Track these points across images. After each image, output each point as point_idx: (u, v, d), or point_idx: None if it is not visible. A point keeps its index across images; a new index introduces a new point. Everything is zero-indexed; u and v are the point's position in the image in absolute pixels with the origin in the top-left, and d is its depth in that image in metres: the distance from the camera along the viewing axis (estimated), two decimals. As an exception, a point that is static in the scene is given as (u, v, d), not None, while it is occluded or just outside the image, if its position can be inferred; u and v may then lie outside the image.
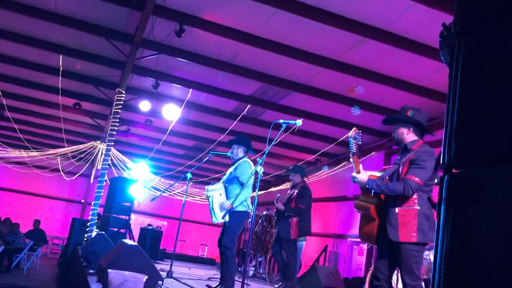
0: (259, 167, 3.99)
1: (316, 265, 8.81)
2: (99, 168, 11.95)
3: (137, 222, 14.28)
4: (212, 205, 5.07)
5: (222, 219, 4.96)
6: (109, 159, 8.98)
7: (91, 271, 4.73)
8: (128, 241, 4.14)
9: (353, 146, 3.48)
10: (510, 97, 0.96)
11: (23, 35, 8.05)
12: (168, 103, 9.59)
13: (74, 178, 15.19)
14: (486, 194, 0.91)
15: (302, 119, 4.06)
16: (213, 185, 5.34)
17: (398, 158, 3.65)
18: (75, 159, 13.46)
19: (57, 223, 16.46)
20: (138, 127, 11.97)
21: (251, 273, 8.28)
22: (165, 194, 14.29)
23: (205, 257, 13.22)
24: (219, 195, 5.11)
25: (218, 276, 6.78)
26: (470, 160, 0.97)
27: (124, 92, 8.70)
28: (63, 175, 14.87)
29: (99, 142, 12.76)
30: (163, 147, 13.44)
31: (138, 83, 9.35)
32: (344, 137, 9.99)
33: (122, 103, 8.66)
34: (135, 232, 9.48)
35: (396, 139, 3.69)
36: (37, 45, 8.20)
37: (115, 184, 8.25)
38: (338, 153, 12.16)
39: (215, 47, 7.65)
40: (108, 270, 2.88)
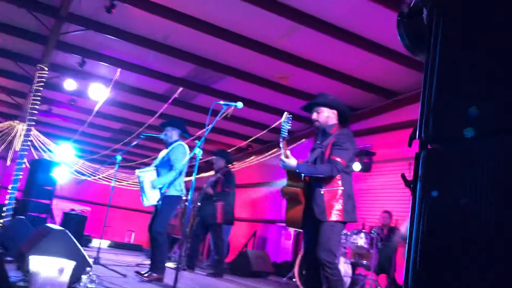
0: (198, 149, 3.87)
1: (246, 249, 8.87)
2: (17, 149, 11.18)
3: (58, 207, 13.57)
4: (143, 186, 4.88)
5: (154, 201, 4.80)
6: (29, 140, 8.40)
7: (9, 258, 4.39)
8: (53, 226, 3.88)
9: (285, 131, 3.53)
10: (487, 70, 0.95)
11: None
12: (94, 82, 9.13)
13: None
14: (465, 168, 0.90)
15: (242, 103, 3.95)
16: (143, 168, 5.14)
17: (317, 142, 3.75)
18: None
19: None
20: (61, 107, 11.29)
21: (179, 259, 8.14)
22: (89, 178, 13.73)
23: (132, 243, 12.87)
24: (151, 175, 4.92)
25: (147, 262, 6.62)
26: (447, 135, 0.96)
27: (46, 68, 8.14)
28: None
29: (17, 122, 11.91)
30: (88, 129, 12.83)
31: (62, 60, 8.79)
32: (276, 124, 10.07)
33: (44, 80, 8.10)
34: (57, 217, 8.99)
35: (319, 122, 3.75)
36: None
37: (35, 166, 7.74)
38: (269, 140, 12.26)
39: (147, 26, 7.35)
40: (30, 256, 2.67)
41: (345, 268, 6.37)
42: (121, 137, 13.02)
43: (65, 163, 11.11)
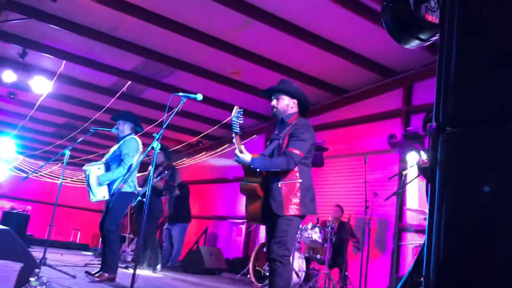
0: (156, 142, 3.73)
1: (199, 246, 8.76)
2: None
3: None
4: (89, 181, 4.66)
5: (101, 197, 4.60)
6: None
7: None
8: (-4, 225, 3.62)
9: (236, 125, 3.40)
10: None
11: None
12: (37, 74, 8.68)
13: None
14: (490, 153, 0.85)
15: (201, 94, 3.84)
16: (92, 162, 4.92)
17: (276, 133, 3.62)
18: None
19: None
20: (-1, 100, 10.69)
21: (129, 258, 7.94)
22: (32, 175, 13.09)
23: (77, 242, 12.39)
24: (98, 169, 4.70)
25: (96, 261, 6.40)
26: (470, 117, 0.90)
27: (-17, 59, 7.66)
28: None
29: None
30: (29, 124, 12.21)
31: (1, 50, 8.29)
32: (227, 120, 10.00)
33: (-19, 71, 7.61)
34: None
35: (277, 110, 3.62)
36: None
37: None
38: (220, 136, 12.17)
39: (94, 16, 7.05)
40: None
41: (299, 263, 6.42)
42: (65, 133, 12.50)
43: (5, 159, 10.51)
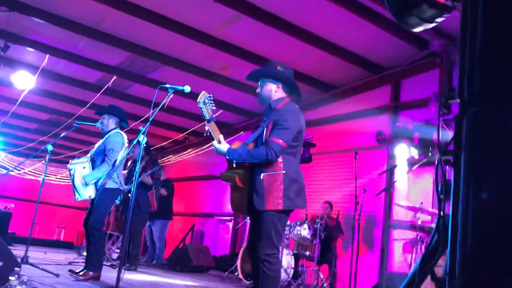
0: (142, 136, 3.61)
1: (186, 244, 8.67)
2: None
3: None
4: (74, 180, 4.54)
5: (87, 196, 4.49)
6: None
7: None
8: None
9: (205, 112, 3.19)
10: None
11: None
12: (19, 69, 8.48)
13: None
14: None
15: (189, 86, 3.72)
16: (77, 158, 4.79)
17: (264, 119, 3.39)
18: None
19: None
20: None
21: (115, 256, 7.82)
22: (13, 172, 12.83)
23: (61, 240, 12.19)
24: (83, 168, 4.57)
25: (80, 260, 6.28)
26: (499, 93, 0.81)
27: (-37, 53, 7.45)
28: None
29: None
30: (11, 120, 11.97)
31: (-19, 43, 8.07)
32: (215, 115, 9.88)
33: (-39, 65, 7.41)
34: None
35: (261, 96, 3.40)
36: None
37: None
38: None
39: (79, 9, 6.90)
40: None
41: (288, 260, 6.37)
42: (49, 129, 12.28)
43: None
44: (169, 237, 10.60)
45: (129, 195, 6.46)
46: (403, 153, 6.69)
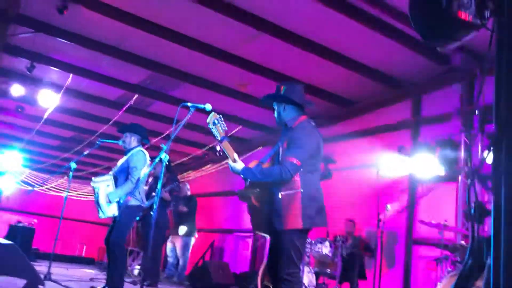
0: (163, 154, 3.66)
1: (206, 261, 8.66)
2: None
3: (2, 219, 12.83)
4: (98, 198, 4.60)
5: (110, 214, 4.55)
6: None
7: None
8: (1, 240, 3.55)
9: (216, 133, 3.20)
10: None
11: None
12: (44, 88, 8.69)
13: None
14: None
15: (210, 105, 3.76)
16: (101, 176, 4.86)
17: (280, 138, 3.37)
18: None
19: None
20: (7, 114, 10.70)
21: (136, 272, 7.86)
22: (37, 188, 13.08)
23: (83, 256, 12.31)
24: (107, 186, 4.64)
25: (102, 276, 6.33)
26: None
27: (-9, 73, 7.68)
28: None
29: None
30: (35, 137, 12.22)
31: (9, 64, 8.31)
32: (234, 131, 9.96)
33: (-11, 85, 7.63)
34: (1, 230, 8.46)
35: (276, 119, 3.44)
36: None
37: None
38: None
39: (101, 29, 7.06)
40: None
41: (309, 277, 6.30)
42: (71, 146, 12.49)
43: (11, 172, 10.49)
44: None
45: (149, 212, 6.55)
46: (425, 169, 6.61)
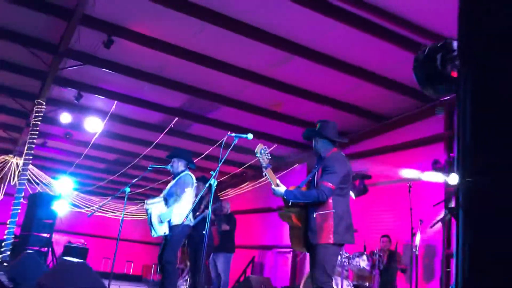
0: (213, 179, 4.03)
1: (249, 276, 8.90)
2: (12, 184, 11.19)
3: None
4: (150, 219, 5.00)
5: (162, 233, 4.92)
6: (28, 174, 8.45)
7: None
8: (72, 258, 3.93)
9: (262, 161, 3.75)
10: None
11: None
12: (90, 115, 9.25)
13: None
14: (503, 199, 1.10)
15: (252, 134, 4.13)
16: (152, 198, 5.27)
17: (315, 166, 3.96)
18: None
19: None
20: (56, 140, 11.36)
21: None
22: (83, 210, 13.69)
23: (131, 274, 12.77)
24: (158, 207, 5.06)
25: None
26: (484, 170, 1.17)
27: (44, 103, 8.27)
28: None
29: (11, 156, 11.93)
30: (82, 161, 12.87)
31: (58, 94, 8.91)
32: (270, 149, 10.19)
33: (42, 115, 8.22)
34: (56, 251, 8.97)
35: (313, 150, 4.02)
36: None
37: (35, 200, 7.77)
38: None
39: (142, 59, 7.54)
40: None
41: (348, 290, 6.44)
42: (115, 168, 13.05)
43: (64, 196, 11.12)
44: (231, 269, 10.87)
45: (193, 230, 6.87)
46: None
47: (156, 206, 5.05)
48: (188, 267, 8.90)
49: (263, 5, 5.96)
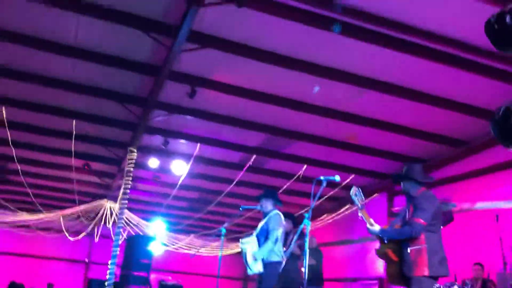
0: (307, 221, 4.31)
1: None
2: (107, 226, 12.07)
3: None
4: (245, 257, 5.36)
5: (257, 270, 5.25)
6: (124, 217, 9.16)
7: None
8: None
9: (357, 202, 4.13)
10: None
11: (36, 104, 8.40)
12: (176, 158, 9.87)
13: (79, 237, 15.01)
14: None
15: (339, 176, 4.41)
16: (246, 238, 5.63)
17: (406, 205, 4.28)
18: (80, 219, 13.52)
19: (61, 285, 16.24)
20: (145, 183, 12.18)
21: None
22: (169, 248, 14.36)
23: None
24: (252, 246, 5.42)
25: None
26: None
27: (135, 151, 9.01)
28: (67, 235, 14.79)
29: (105, 200, 12.90)
30: (168, 201, 13.59)
31: (147, 141, 9.66)
32: (347, 181, 10.31)
33: (134, 162, 8.96)
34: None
35: (403, 191, 4.38)
36: (50, 111, 8.55)
37: (133, 242, 8.41)
38: (340, 196, 12.42)
39: (223, 104, 8.07)
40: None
41: (441, 321, 6.32)
42: (197, 206, 13.63)
43: (159, 237, 11.87)
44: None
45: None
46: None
47: (250, 245, 5.41)
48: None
49: (336, 47, 6.27)
